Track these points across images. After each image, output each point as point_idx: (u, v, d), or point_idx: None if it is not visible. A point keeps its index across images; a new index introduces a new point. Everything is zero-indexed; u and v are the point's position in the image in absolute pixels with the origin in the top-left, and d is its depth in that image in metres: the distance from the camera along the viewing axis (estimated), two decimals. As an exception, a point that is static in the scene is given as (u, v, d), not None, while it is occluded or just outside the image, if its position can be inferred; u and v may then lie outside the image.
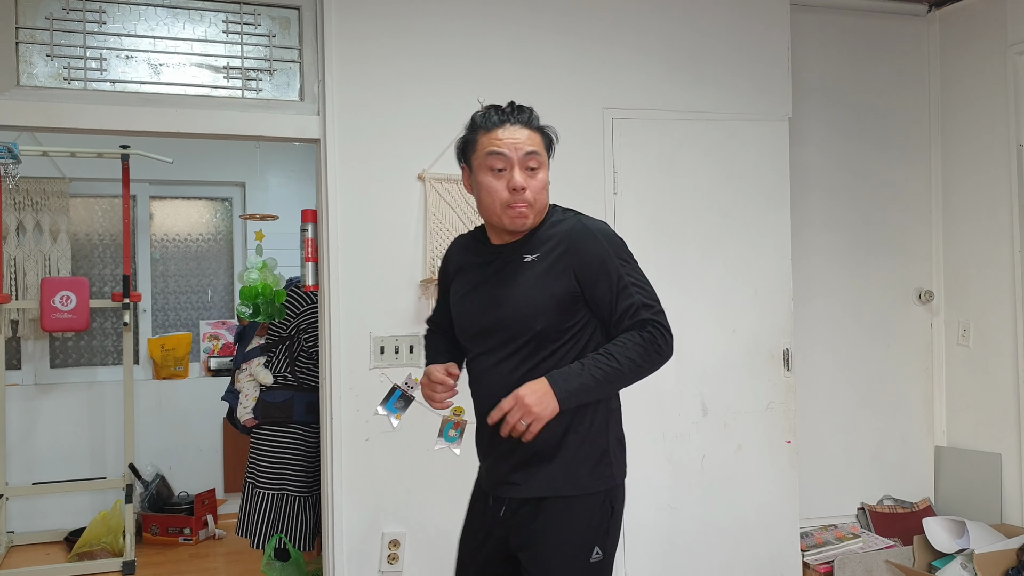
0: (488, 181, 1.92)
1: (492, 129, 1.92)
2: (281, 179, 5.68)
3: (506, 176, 1.90)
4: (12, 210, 4.99)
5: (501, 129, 1.91)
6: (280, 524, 3.87)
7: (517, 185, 1.88)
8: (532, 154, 1.92)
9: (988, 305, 3.88)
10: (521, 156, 1.91)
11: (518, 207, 1.90)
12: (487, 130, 1.93)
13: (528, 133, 1.94)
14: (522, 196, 1.89)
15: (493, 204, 1.92)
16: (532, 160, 1.92)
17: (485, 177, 1.92)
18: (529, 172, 1.92)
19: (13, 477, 4.88)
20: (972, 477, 3.92)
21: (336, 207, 3.11)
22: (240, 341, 4.13)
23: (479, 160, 1.93)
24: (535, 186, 1.92)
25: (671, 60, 3.52)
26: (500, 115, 1.94)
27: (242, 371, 4.00)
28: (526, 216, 1.92)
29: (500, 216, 1.92)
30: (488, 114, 1.95)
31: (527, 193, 1.90)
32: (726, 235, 3.54)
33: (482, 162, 1.92)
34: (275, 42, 3.18)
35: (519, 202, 1.90)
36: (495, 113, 1.95)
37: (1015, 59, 3.72)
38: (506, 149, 1.90)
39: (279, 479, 3.86)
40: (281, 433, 3.87)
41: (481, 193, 1.94)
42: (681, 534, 3.46)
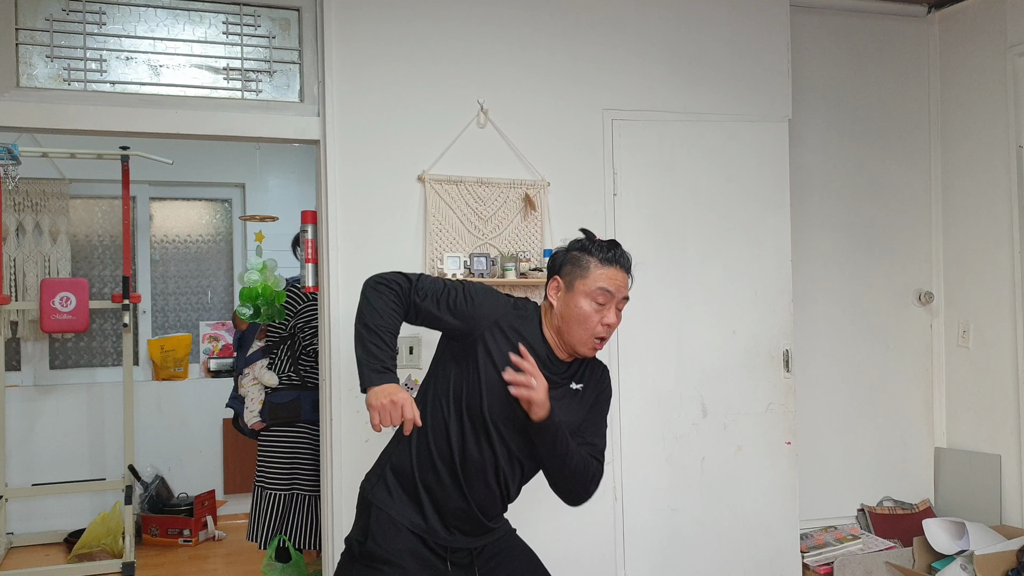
0: (587, 310, 2.05)
1: (607, 265, 2.08)
2: (281, 180, 5.69)
3: (603, 312, 2.06)
4: (12, 211, 4.99)
5: (614, 268, 2.09)
6: (287, 524, 3.87)
7: (611, 322, 2.07)
8: (626, 300, 2.12)
9: (988, 306, 3.88)
10: (620, 299, 2.10)
11: (600, 341, 2.09)
12: (602, 264, 2.08)
13: (627, 279, 2.13)
14: (608, 332, 2.09)
15: (584, 331, 2.07)
16: (623, 304, 2.12)
17: (586, 304, 2.06)
18: (618, 314, 2.10)
19: (13, 478, 4.88)
20: (972, 478, 3.92)
21: (336, 208, 3.11)
22: (240, 347, 4.13)
23: (587, 287, 2.06)
24: (616, 325, 2.11)
25: (671, 61, 3.53)
26: (615, 254, 2.10)
27: (245, 376, 4.00)
28: (601, 348, 2.12)
29: (582, 343, 2.08)
30: (605, 248, 2.11)
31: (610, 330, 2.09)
32: (726, 236, 3.54)
33: (590, 291, 2.06)
34: (275, 43, 3.18)
35: (603, 337, 2.09)
36: (610, 250, 2.10)
37: (1015, 60, 3.73)
38: (614, 289, 2.07)
39: (290, 479, 3.87)
40: (290, 433, 3.88)
41: (575, 316, 2.06)
42: (681, 535, 3.46)
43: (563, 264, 2.13)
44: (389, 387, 1.93)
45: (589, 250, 2.10)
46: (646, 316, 3.41)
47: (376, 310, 2.02)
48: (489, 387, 2.03)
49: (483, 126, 3.27)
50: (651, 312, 3.43)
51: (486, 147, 3.28)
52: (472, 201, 3.23)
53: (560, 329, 2.09)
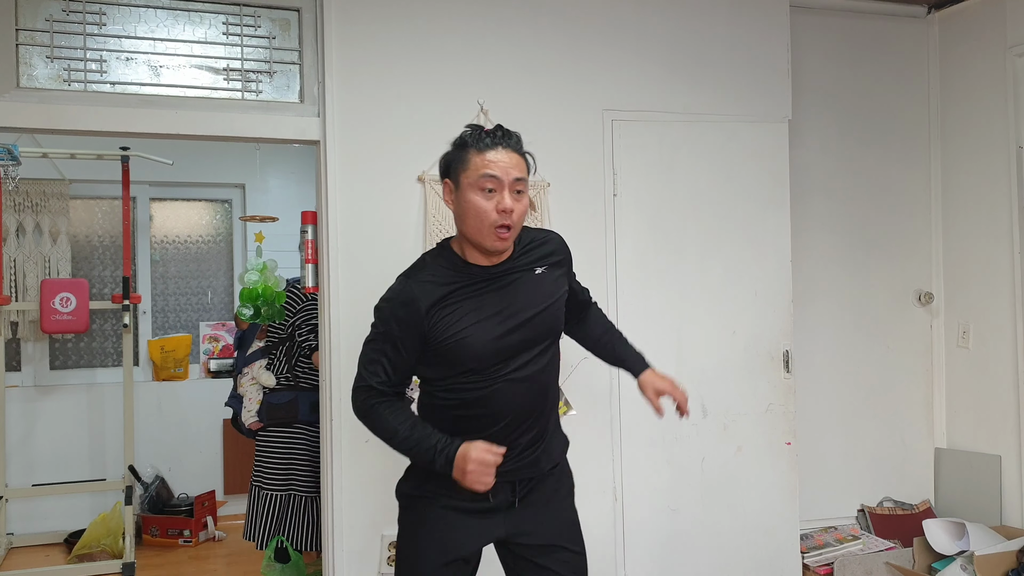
0: (478, 201, 1.97)
1: (484, 150, 1.98)
2: (281, 181, 5.69)
3: (495, 198, 1.97)
4: (12, 212, 4.99)
5: (493, 152, 1.97)
6: (285, 525, 3.87)
7: (507, 207, 1.96)
8: (520, 180, 1.99)
9: (988, 307, 3.88)
10: (511, 180, 1.98)
11: (502, 229, 1.98)
12: (480, 151, 1.98)
13: (517, 158, 2.01)
14: (508, 218, 1.97)
15: (480, 224, 1.97)
16: (519, 185, 2.00)
17: (474, 196, 1.97)
18: (515, 196, 1.99)
19: (13, 479, 4.88)
20: (972, 479, 3.91)
21: (336, 209, 3.11)
22: (240, 346, 4.14)
23: (470, 179, 1.98)
24: (519, 210, 2.00)
25: (671, 62, 3.53)
26: (492, 138, 1.99)
27: (244, 375, 4.01)
28: (507, 238, 2.00)
29: (485, 236, 1.99)
30: (480, 135, 2.00)
31: (513, 216, 1.98)
32: (726, 237, 3.54)
33: (473, 182, 1.97)
34: (275, 44, 3.18)
35: (504, 224, 1.97)
36: (487, 135, 2.00)
37: (1014, 61, 3.73)
38: (499, 172, 1.96)
39: (286, 480, 3.87)
40: (287, 434, 3.88)
41: (468, 211, 1.99)
42: (681, 536, 3.46)
43: (448, 165, 2.05)
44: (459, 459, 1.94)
45: (466, 141, 2.01)
46: (646, 316, 3.41)
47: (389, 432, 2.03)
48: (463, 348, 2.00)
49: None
50: (651, 312, 3.43)
51: (486, 147, 3.28)
52: (472, 201, 3.22)
53: (464, 233, 2.03)
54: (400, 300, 2.03)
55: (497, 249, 2.01)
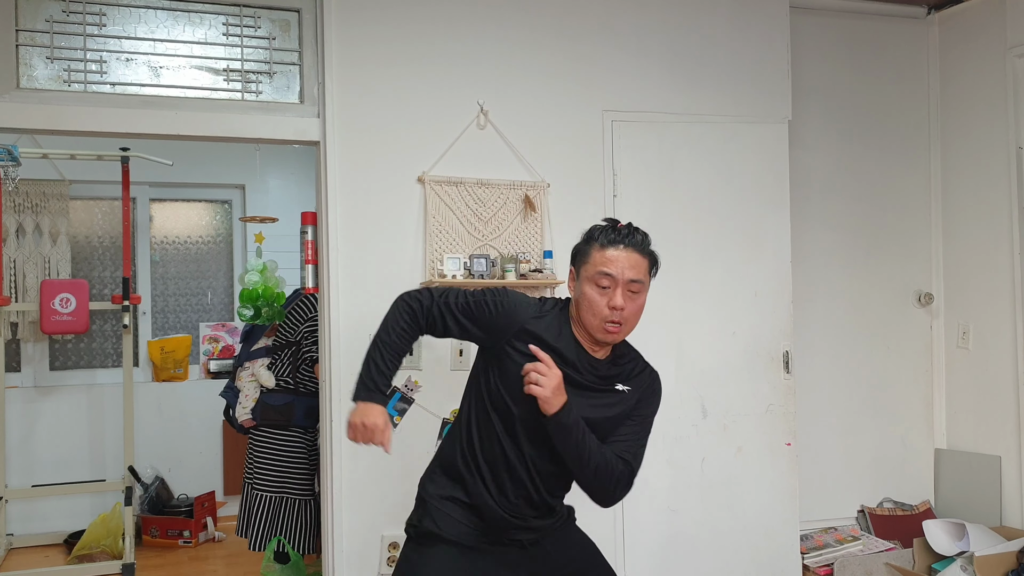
0: (592, 295, 2.03)
1: (606, 247, 2.05)
2: (281, 181, 5.69)
3: (608, 294, 2.02)
4: (12, 212, 4.99)
5: (614, 249, 2.05)
6: (280, 527, 3.87)
7: (617, 305, 2.01)
8: (635, 281, 2.05)
9: (988, 307, 3.88)
10: (626, 280, 2.03)
11: (612, 324, 2.03)
12: (602, 247, 2.05)
13: (637, 258, 2.06)
14: (619, 315, 2.02)
15: (593, 318, 2.04)
16: (634, 286, 2.05)
17: (590, 290, 2.04)
18: (629, 295, 2.04)
19: (13, 479, 4.88)
20: (972, 479, 3.91)
21: (336, 209, 3.11)
22: (246, 339, 4.12)
23: (588, 273, 2.05)
24: (632, 309, 2.06)
25: (671, 63, 3.53)
26: (617, 235, 2.07)
27: (244, 369, 3.99)
28: (617, 335, 2.06)
29: (595, 328, 2.04)
30: (607, 231, 2.08)
31: (624, 313, 2.03)
32: (726, 237, 3.54)
33: (591, 276, 2.04)
34: (275, 44, 3.18)
35: (614, 320, 2.02)
36: (612, 232, 2.07)
37: (1014, 62, 3.73)
38: (615, 271, 2.02)
39: (280, 482, 3.86)
40: (282, 436, 3.88)
41: (582, 303, 2.05)
42: (681, 536, 3.46)
43: (575, 255, 2.14)
44: (369, 408, 1.99)
45: (593, 236, 2.09)
46: (646, 316, 3.38)
47: (388, 327, 2.09)
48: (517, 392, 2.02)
49: (483, 127, 3.28)
50: (651, 313, 3.40)
51: (486, 148, 3.28)
52: (472, 202, 3.23)
53: (577, 319, 2.09)
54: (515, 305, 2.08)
55: (605, 341, 2.07)
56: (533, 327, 2.06)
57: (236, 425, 4.01)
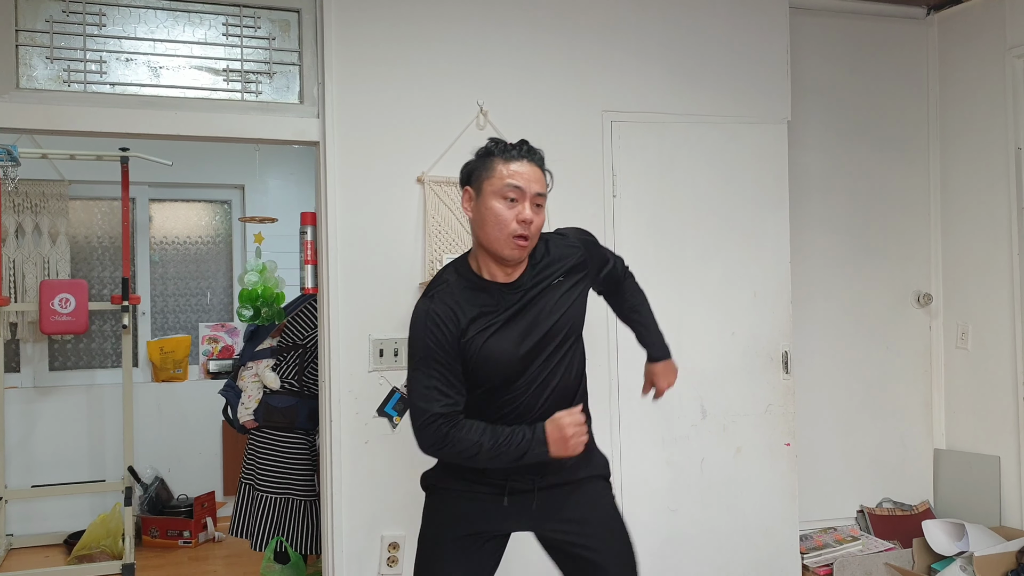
0: (499, 209, 2.02)
1: (510, 161, 2.04)
2: (280, 182, 5.69)
3: (517, 208, 2.02)
4: (11, 213, 4.99)
5: (518, 163, 2.04)
6: (283, 527, 3.87)
7: (527, 218, 2.01)
8: (540, 195, 2.06)
9: (987, 308, 3.88)
10: (533, 193, 2.03)
11: (520, 239, 2.02)
12: (505, 161, 2.04)
13: (540, 174, 2.08)
14: (527, 228, 2.02)
15: (500, 232, 2.02)
16: (539, 199, 2.06)
17: (496, 204, 2.02)
18: (535, 209, 2.05)
19: (12, 480, 4.88)
20: (971, 480, 3.92)
21: (335, 210, 3.11)
22: (251, 339, 4.09)
23: (493, 186, 2.03)
24: (537, 223, 2.06)
25: (670, 63, 3.53)
26: (519, 150, 2.06)
27: (247, 369, 3.98)
28: (525, 248, 2.05)
29: (502, 244, 2.02)
30: (507, 146, 2.07)
31: (531, 227, 2.03)
32: (725, 238, 3.55)
33: (497, 190, 2.02)
34: (275, 45, 3.18)
35: (522, 234, 2.01)
36: (513, 148, 2.07)
37: (1014, 62, 3.73)
38: (522, 183, 2.02)
39: (283, 483, 3.87)
40: (285, 438, 3.88)
41: (488, 219, 2.03)
42: (680, 537, 3.46)
43: (471, 172, 2.11)
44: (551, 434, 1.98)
45: (492, 151, 2.07)
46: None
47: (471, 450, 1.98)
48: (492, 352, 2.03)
49: (482, 127, 3.28)
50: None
51: (486, 148, 3.28)
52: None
53: (481, 241, 2.05)
54: (429, 321, 2.03)
55: (513, 258, 2.05)
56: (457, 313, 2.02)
57: (236, 425, 4.00)
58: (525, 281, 2.11)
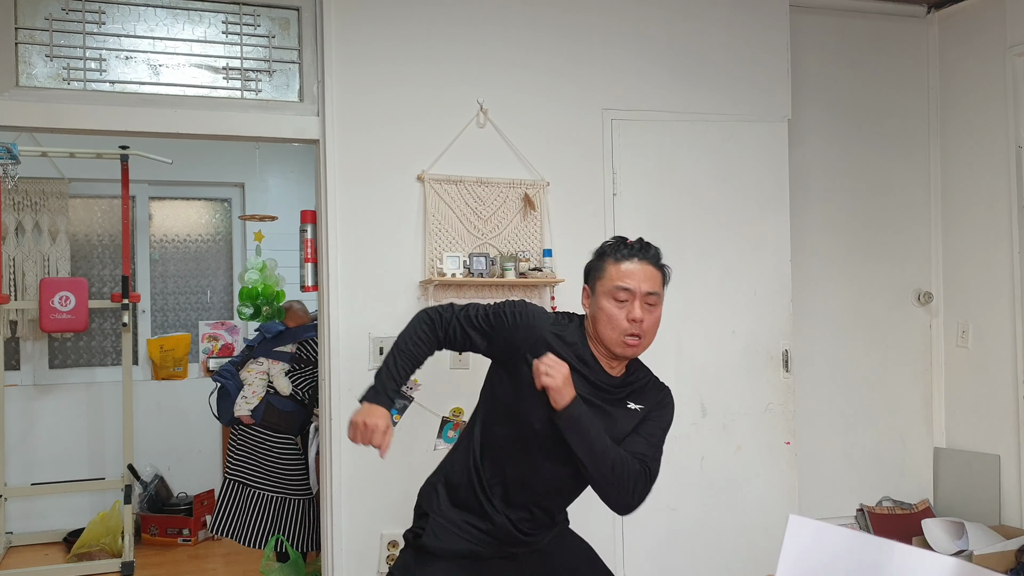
0: (610, 309, 2.03)
1: (620, 261, 2.06)
2: (280, 180, 5.68)
3: (627, 308, 2.02)
4: (11, 211, 4.99)
5: (629, 263, 2.05)
6: (280, 526, 3.87)
7: (636, 317, 2.02)
8: (652, 294, 2.05)
9: (987, 306, 3.88)
10: (643, 293, 2.04)
11: (631, 337, 2.03)
12: (616, 261, 2.06)
13: (652, 271, 2.08)
14: (638, 328, 2.03)
15: (612, 332, 2.03)
16: (651, 299, 2.06)
17: (608, 304, 2.04)
18: (647, 308, 2.05)
19: (12, 478, 4.88)
20: (971, 478, 3.92)
21: (335, 208, 3.11)
22: (275, 337, 4.06)
23: (605, 288, 2.05)
24: (650, 321, 2.06)
25: (670, 61, 3.53)
26: (630, 249, 2.08)
27: (258, 363, 3.96)
28: (637, 348, 2.06)
29: (614, 343, 2.04)
30: (619, 246, 2.09)
31: (643, 326, 2.03)
32: (725, 236, 3.54)
33: (607, 291, 2.04)
34: (274, 43, 3.18)
35: (634, 333, 2.02)
36: (625, 247, 2.08)
37: (1014, 60, 3.73)
38: (632, 284, 2.03)
39: (281, 482, 3.88)
40: (281, 439, 3.89)
41: (600, 319, 2.05)
42: (680, 535, 3.46)
43: (588, 272, 2.14)
44: (373, 409, 1.99)
45: (605, 252, 2.10)
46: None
47: (406, 336, 2.11)
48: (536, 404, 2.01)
49: (483, 126, 3.28)
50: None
51: (486, 147, 3.28)
52: (472, 201, 3.23)
53: (594, 335, 2.08)
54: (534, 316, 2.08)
55: (625, 356, 2.07)
56: (551, 339, 2.05)
57: (226, 415, 3.97)
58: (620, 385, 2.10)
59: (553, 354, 2.00)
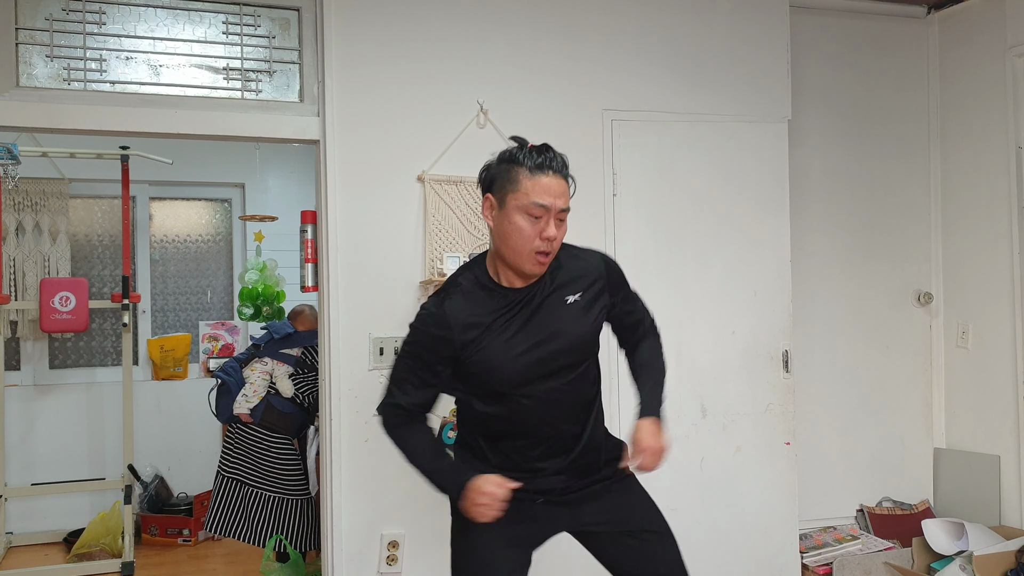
0: (523, 225, 1.94)
1: (536, 174, 1.94)
2: (280, 180, 5.69)
3: (540, 224, 1.94)
4: (12, 211, 4.99)
5: (545, 176, 1.94)
6: (280, 526, 3.87)
7: (550, 235, 1.94)
8: (565, 210, 1.98)
9: (987, 307, 3.88)
10: (557, 209, 1.95)
11: (542, 255, 1.97)
12: (531, 173, 1.94)
13: (564, 186, 1.98)
14: (550, 245, 1.96)
15: (521, 248, 1.95)
16: (563, 214, 1.99)
17: (520, 219, 1.94)
18: (559, 223, 1.98)
19: (12, 478, 4.88)
20: (971, 479, 3.92)
21: (335, 208, 3.11)
22: (283, 339, 4.06)
23: (518, 202, 1.94)
24: (560, 237, 1.99)
25: (671, 62, 3.53)
26: (544, 159, 1.95)
27: (263, 363, 3.96)
28: (546, 264, 2.00)
29: (523, 260, 1.97)
30: (532, 154, 1.95)
31: (554, 243, 1.98)
32: (725, 237, 3.54)
33: (522, 205, 1.93)
34: (275, 43, 3.18)
35: (544, 251, 1.96)
36: (538, 155, 1.95)
37: (1014, 61, 3.73)
38: (549, 201, 1.93)
39: (279, 483, 3.88)
40: (279, 439, 3.90)
41: (511, 233, 1.95)
42: (680, 536, 3.42)
43: (493, 180, 2.00)
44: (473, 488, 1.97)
45: (517, 159, 1.95)
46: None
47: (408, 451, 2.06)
48: (491, 371, 2.00)
49: (483, 126, 3.28)
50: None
51: (486, 147, 3.25)
52: (472, 201, 3.23)
53: (501, 252, 2.00)
54: (433, 321, 2.01)
55: (535, 273, 2.00)
56: (461, 318, 1.99)
57: (225, 412, 3.97)
58: (540, 289, 2.05)
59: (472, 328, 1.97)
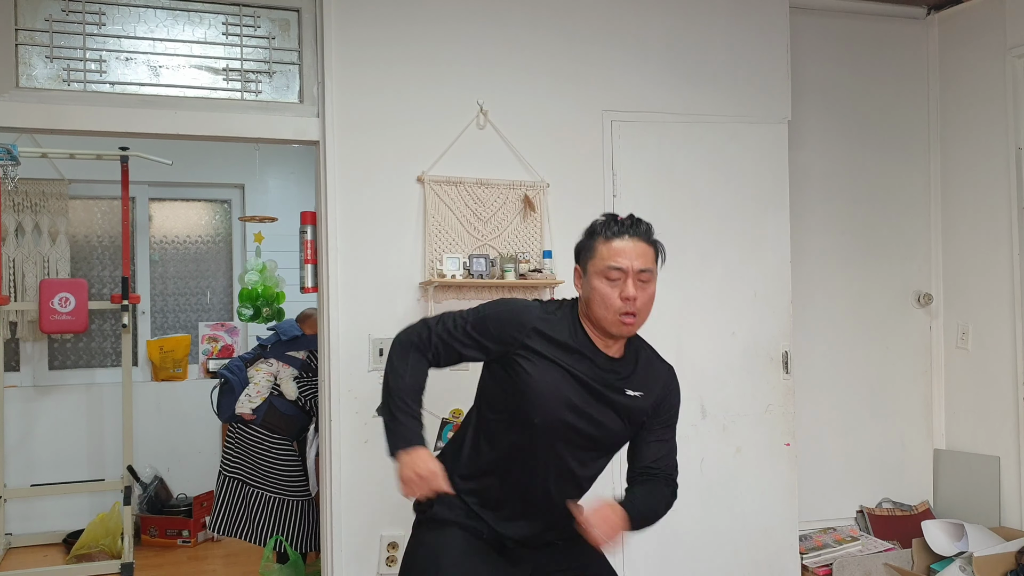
0: (603, 288, 2.00)
1: (611, 239, 2.02)
2: (280, 181, 5.69)
3: (619, 286, 2.00)
4: (11, 212, 4.99)
5: (620, 241, 2.01)
6: (280, 526, 3.87)
7: (630, 295, 1.99)
8: (645, 271, 2.02)
9: (987, 308, 3.88)
10: (636, 271, 2.00)
11: (628, 316, 2.00)
12: (607, 240, 2.02)
13: (644, 247, 2.03)
14: (632, 306, 1.99)
15: (606, 311, 2.00)
16: (644, 276, 2.03)
17: (600, 284, 2.00)
18: (641, 285, 2.01)
19: (11, 479, 4.88)
20: (971, 480, 3.91)
21: (335, 209, 3.11)
22: (289, 340, 4.05)
23: (597, 267, 2.02)
24: (644, 299, 2.03)
25: (670, 63, 3.53)
26: (620, 226, 2.03)
27: (268, 364, 3.96)
28: (632, 326, 2.03)
29: (610, 322, 2.01)
30: (609, 223, 2.04)
31: (637, 304, 2.00)
32: (725, 238, 3.54)
33: (600, 270, 2.01)
34: (274, 44, 3.18)
35: (629, 312, 2.00)
36: (615, 224, 2.04)
37: (1014, 62, 3.73)
38: (624, 263, 1.99)
39: (280, 484, 3.88)
40: (279, 440, 3.90)
41: (594, 298, 2.02)
42: (680, 537, 3.45)
43: (579, 252, 2.11)
44: (415, 457, 1.93)
45: (595, 230, 2.06)
46: (645, 317, 3.40)
47: (398, 372, 2.04)
48: (538, 395, 1.99)
49: (482, 127, 3.28)
50: (650, 313, 3.42)
51: (485, 148, 3.28)
52: (471, 202, 3.23)
53: (589, 316, 2.05)
54: (518, 310, 2.06)
55: (621, 334, 2.04)
56: (543, 327, 2.03)
57: (227, 412, 3.97)
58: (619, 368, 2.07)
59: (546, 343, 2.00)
